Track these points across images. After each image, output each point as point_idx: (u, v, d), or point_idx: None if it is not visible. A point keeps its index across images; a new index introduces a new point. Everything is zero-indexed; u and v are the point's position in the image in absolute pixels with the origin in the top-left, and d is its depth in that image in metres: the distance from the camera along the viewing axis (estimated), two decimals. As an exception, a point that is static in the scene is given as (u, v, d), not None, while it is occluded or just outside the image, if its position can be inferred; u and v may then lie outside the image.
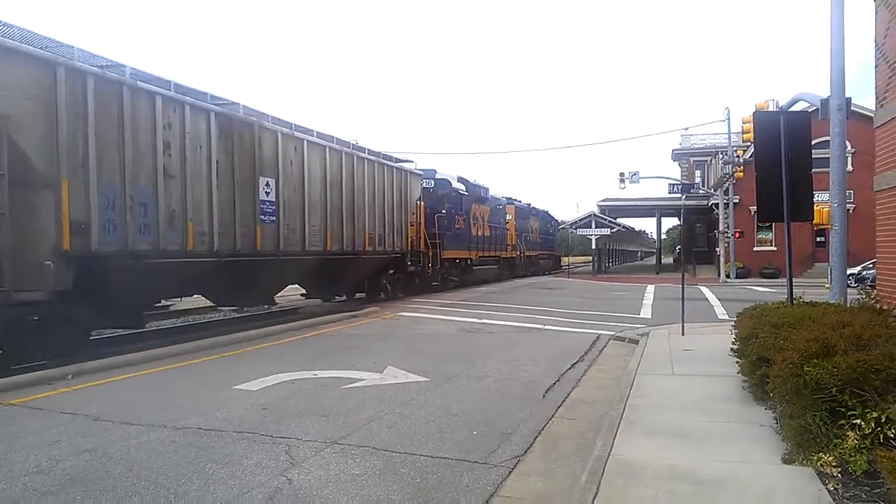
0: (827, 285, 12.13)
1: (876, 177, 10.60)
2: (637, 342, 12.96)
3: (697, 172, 63.10)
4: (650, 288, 31.17)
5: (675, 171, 68.46)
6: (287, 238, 16.40)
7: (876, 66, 10.71)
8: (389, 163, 22.83)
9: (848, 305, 8.69)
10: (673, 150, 66.67)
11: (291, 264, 17.28)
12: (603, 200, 54.04)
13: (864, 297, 7.84)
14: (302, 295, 21.73)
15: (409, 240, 24.43)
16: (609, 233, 50.05)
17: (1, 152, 9.81)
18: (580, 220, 51.55)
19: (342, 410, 7.83)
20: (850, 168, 31.37)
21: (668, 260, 74.69)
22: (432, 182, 27.64)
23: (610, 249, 68.73)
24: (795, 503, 4.54)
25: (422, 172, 26.42)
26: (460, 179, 31.50)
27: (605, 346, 13.27)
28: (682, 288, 14.51)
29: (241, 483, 5.39)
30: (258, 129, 15.38)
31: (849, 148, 32.46)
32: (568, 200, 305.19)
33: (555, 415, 7.84)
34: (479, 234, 33.40)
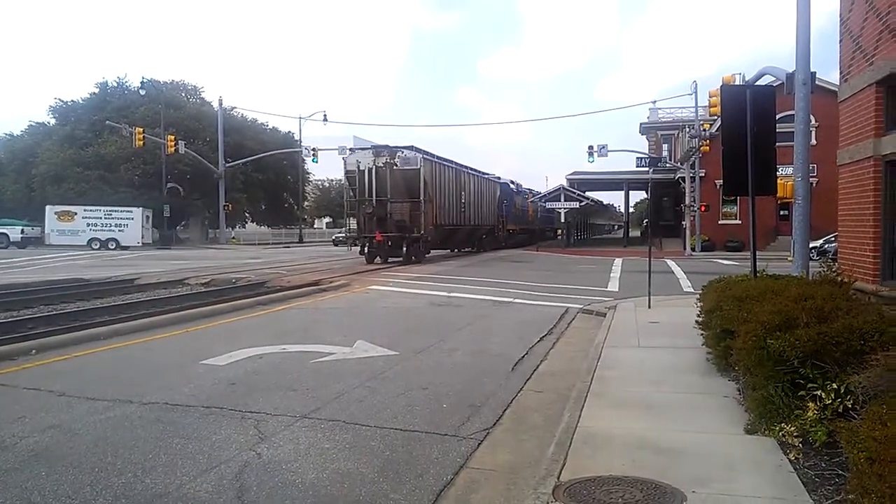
0: (790, 258, 12.33)
1: (839, 151, 10.74)
2: (604, 315, 13.09)
3: (665, 146, 63.58)
4: (618, 261, 31.47)
5: (642, 145, 68.87)
6: (466, 218, 36.38)
7: (840, 41, 10.79)
8: (489, 177, 43.40)
9: (810, 278, 8.85)
10: (640, 124, 67.04)
11: (466, 230, 37.13)
12: (572, 174, 54.20)
13: (825, 270, 7.97)
14: (451, 250, 39.50)
15: (494, 218, 43.55)
16: (578, 206, 50.15)
17: (427, 192, 28.70)
18: (549, 194, 51.63)
19: (311, 385, 7.82)
20: (813, 142, 31.75)
21: (635, 233, 75.39)
22: (500, 184, 46.38)
23: (579, 223, 69.13)
24: (757, 472, 4.65)
25: (498, 179, 46.63)
26: (511, 181, 52.50)
27: (573, 319, 13.40)
28: (649, 261, 14.67)
29: (209, 458, 5.37)
30: (460, 172, 35.21)
31: (813, 122, 32.83)
32: (537, 173, 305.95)
33: (524, 387, 7.91)
34: (518, 213, 53.17)
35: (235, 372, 8.43)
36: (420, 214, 28.67)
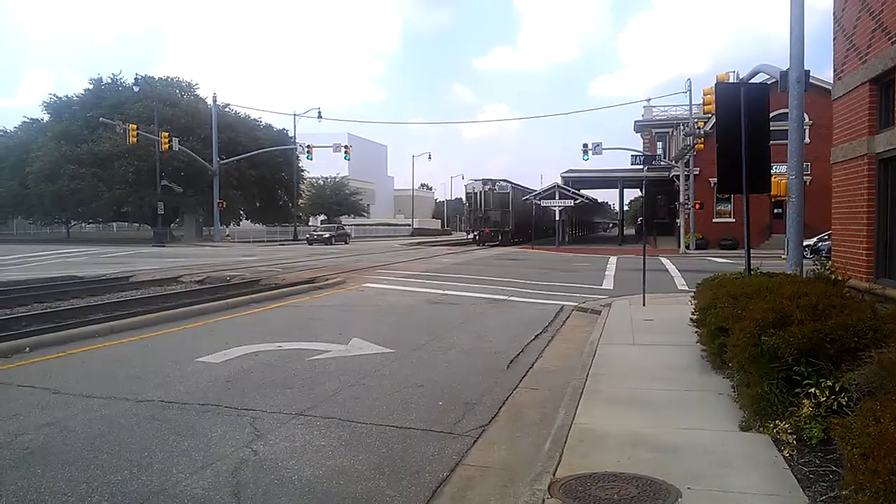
0: (784, 256, 12.38)
1: (833, 149, 10.79)
2: (599, 313, 13.12)
3: (659, 144, 63.71)
4: (612, 259, 31.51)
5: (637, 144, 68.97)
6: (525, 219, 53.80)
7: (834, 39, 10.83)
8: (519, 189, 57.57)
9: (804, 276, 8.88)
10: (635, 122, 67.21)
11: (524, 227, 53.86)
12: (566, 172, 54.30)
13: (819, 267, 8.01)
14: (511, 239, 53.37)
15: (537, 220, 54.30)
16: (572, 204, 50.27)
17: (511, 205, 53.30)
18: (544, 192, 51.76)
19: (307, 382, 7.82)
20: (807, 140, 31.65)
21: (630, 231, 75.53)
22: (532, 194, 56.56)
23: (574, 221, 69.25)
24: (752, 468, 4.67)
25: (531, 189, 60.33)
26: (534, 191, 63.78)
27: (568, 317, 13.43)
28: (644, 259, 14.69)
29: (205, 455, 5.37)
30: (525, 191, 57.57)
31: (806, 120, 32.81)
32: (533, 171, 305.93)
33: (519, 385, 7.93)
34: (548, 217, 60.57)
35: (231, 369, 8.42)
36: (508, 218, 52.13)
